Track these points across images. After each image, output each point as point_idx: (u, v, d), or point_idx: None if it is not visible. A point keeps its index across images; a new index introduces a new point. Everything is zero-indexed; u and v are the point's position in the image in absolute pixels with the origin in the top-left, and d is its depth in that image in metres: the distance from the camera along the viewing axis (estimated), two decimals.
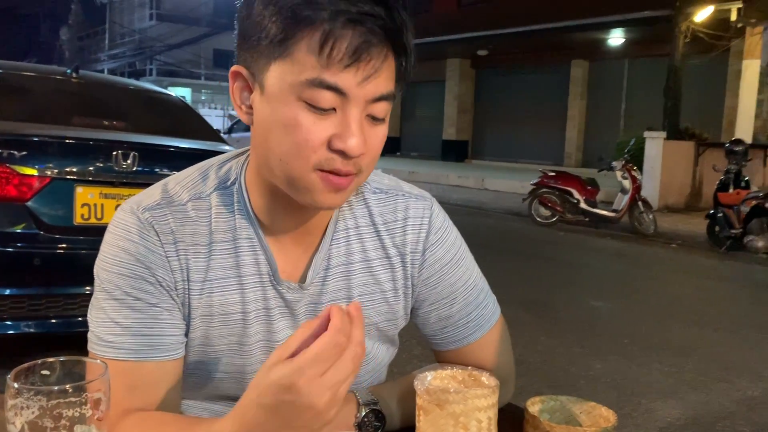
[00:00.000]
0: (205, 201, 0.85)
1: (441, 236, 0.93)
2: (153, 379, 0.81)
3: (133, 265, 0.81)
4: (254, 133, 0.80)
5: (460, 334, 0.95)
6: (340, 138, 0.73)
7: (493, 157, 18.09)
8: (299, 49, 0.71)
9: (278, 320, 0.87)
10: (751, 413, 3.12)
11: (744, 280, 6.19)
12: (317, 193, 0.77)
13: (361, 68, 0.72)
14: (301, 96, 0.72)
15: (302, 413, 0.63)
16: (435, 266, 0.92)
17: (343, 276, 0.89)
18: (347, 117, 0.73)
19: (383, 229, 0.91)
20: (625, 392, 3.31)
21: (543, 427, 0.79)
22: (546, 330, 4.24)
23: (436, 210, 0.94)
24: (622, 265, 6.81)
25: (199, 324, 0.84)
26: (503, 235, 8.19)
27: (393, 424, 0.88)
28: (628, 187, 8.12)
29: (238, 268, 0.84)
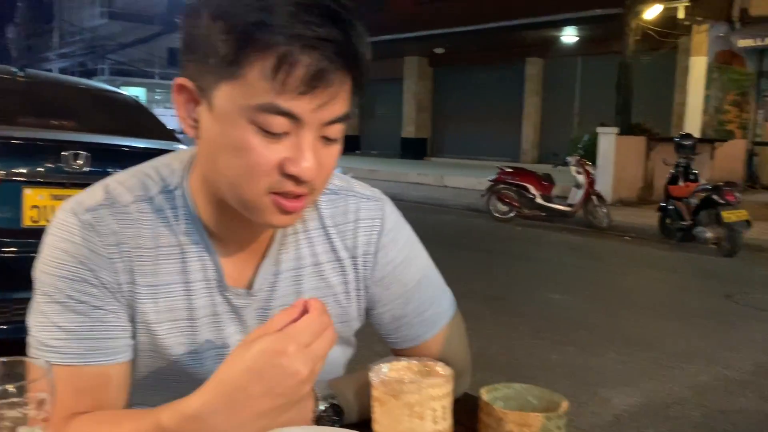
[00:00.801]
0: (149, 204, 0.82)
1: (393, 237, 0.92)
2: (99, 382, 0.79)
3: (76, 268, 0.78)
4: (201, 149, 0.77)
5: (415, 333, 0.95)
6: (293, 162, 0.71)
7: (452, 155, 18.24)
8: (251, 72, 0.68)
9: (227, 326, 0.85)
10: (701, 398, 3.23)
11: (694, 270, 6.39)
12: (269, 214, 0.75)
13: (317, 95, 0.69)
14: (253, 119, 0.70)
15: (286, 380, 0.66)
16: (387, 267, 0.92)
17: (293, 281, 0.88)
18: (300, 141, 0.71)
19: (334, 232, 0.90)
20: (582, 381, 3.38)
21: (496, 414, 0.81)
22: (504, 323, 4.31)
23: (387, 210, 0.93)
24: (577, 258, 6.96)
25: (144, 330, 0.82)
26: (463, 231, 8.27)
27: (351, 417, 0.88)
28: (583, 182, 8.29)
29: (185, 274, 0.82)
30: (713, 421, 2.98)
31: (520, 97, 16.69)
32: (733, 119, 12.77)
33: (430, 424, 0.79)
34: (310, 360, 0.67)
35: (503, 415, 0.80)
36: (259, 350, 0.66)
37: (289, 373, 0.66)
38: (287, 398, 0.68)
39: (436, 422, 0.79)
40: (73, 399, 0.77)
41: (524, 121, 16.67)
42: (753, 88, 12.96)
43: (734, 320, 4.60)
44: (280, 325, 0.68)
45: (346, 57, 0.69)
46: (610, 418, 2.98)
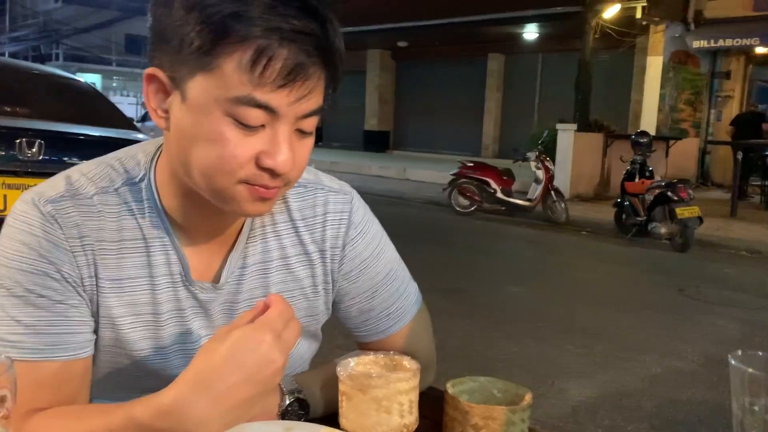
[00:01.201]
0: (113, 196, 0.80)
1: (361, 230, 0.93)
2: (60, 378, 0.77)
3: (36, 261, 0.76)
4: (171, 140, 0.76)
5: (382, 326, 0.95)
6: (269, 155, 0.71)
7: (414, 148, 18.30)
8: (228, 64, 0.68)
9: (192, 321, 0.84)
10: (654, 389, 3.33)
11: (648, 265, 6.57)
12: (243, 203, 0.75)
13: (295, 89, 0.69)
14: (228, 112, 0.69)
15: (265, 368, 0.67)
16: (355, 261, 0.92)
17: (260, 275, 0.87)
18: (277, 135, 0.71)
19: (302, 225, 0.90)
20: (540, 373, 3.45)
21: (462, 407, 0.82)
22: (464, 316, 4.35)
23: (356, 204, 0.93)
24: (536, 252, 7.08)
25: (107, 325, 0.80)
26: (424, 224, 8.32)
27: (317, 411, 0.89)
28: (542, 178, 8.42)
29: (150, 268, 0.81)
30: (665, 411, 3.07)
31: (482, 92, 16.82)
32: (687, 118, 13.13)
33: (397, 418, 0.79)
34: (285, 349, 0.69)
35: (469, 408, 0.81)
36: (237, 339, 0.67)
37: (267, 362, 0.67)
38: (264, 386, 0.69)
39: (402, 416, 0.80)
40: (32, 394, 0.75)
41: (485, 116, 16.82)
42: (706, 88, 13.34)
43: (686, 313, 4.75)
44: (250, 318, 0.69)
45: (324, 51, 0.70)
46: (568, 409, 3.05)
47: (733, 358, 0.67)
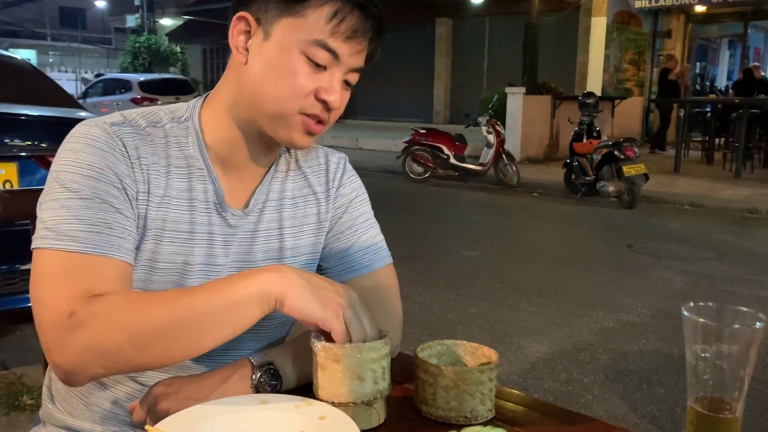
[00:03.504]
0: (161, 129, 0.94)
1: (351, 177, 1.11)
2: (114, 275, 0.84)
3: (104, 170, 0.86)
4: (246, 73, 0.91)
5: (357, 264, 1.07)
6: (326, 91, 0.90)
7: (365, 116, 18.19)
8: (312, 14, 0.87)
9: (218, 247, 0.97)
10: (607, 342, 3.47)
11: (597, 223, 6.76)
12: (295, 131, 0.92)
13: (356, 43, 0.90)
14: (304, 51, 0.88)
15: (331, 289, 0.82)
16: (343, 199, 1.09)
17: (276, 209, 1.02)
18: (334, 76, 0.90)
19: (309, 173, 1.07)
20: (498, 333, 3.55)
21: (432, 369, 0.85)
22: (423, 281, 4.42)
23: (348, 161, 1.13)
24: (490, 216, 7.20)
25: (152, 236, 0.91)
26: (380, 192, 8.31)
27: (289, 383, 0.91)
28: (493, 142, 8.51)
29: (190, 192, 0.94)
30: (618, 362, 3.21)
31: (431, 58, 16.78)
32: (631, 78, 13.43)
33: (371, 385, 0.82)
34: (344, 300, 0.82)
35: (440, 371, 0.84)
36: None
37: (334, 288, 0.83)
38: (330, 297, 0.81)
39: (376, 382, 0.82)
40: (91, 284, 0.81)
41: (436, 81, 16.81)
42: (648, 48, 13.65)
43: (635, 268, 4.93)
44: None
45: (378, 21, 0.92)
46: (527, 366, 3.16)
47: (686, 309, 0.71)
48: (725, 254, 5.32)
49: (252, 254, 1.00)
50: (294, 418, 0.79)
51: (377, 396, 0.83)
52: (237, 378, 0.89)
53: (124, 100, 13.31)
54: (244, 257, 1.00)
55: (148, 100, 13.13)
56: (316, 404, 0.81)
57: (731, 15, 13.92)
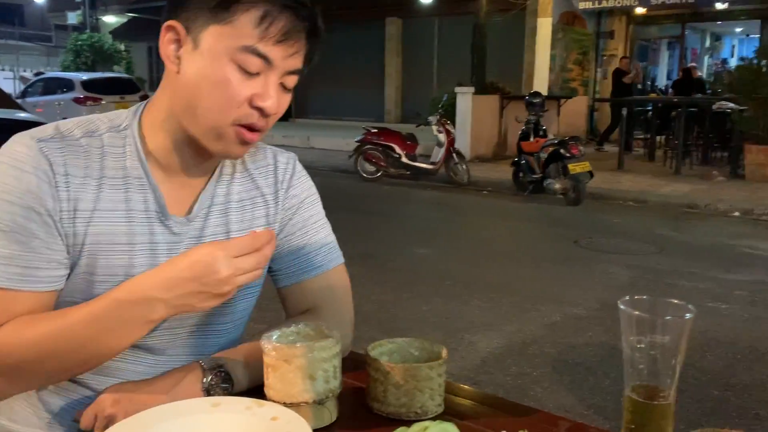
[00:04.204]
0: (97, 139, 0.92)
1: (301, 178, 1.10)
2: (25, 308, 0.86)
3: (24, 195, 0.85)
4: (178, 83, 0.89)
5: (309, 265, 1.06)
6: (261, 97, 0.88)
7: (317, 116, 18.11)
8: (240, 19, 0.85)
9: (162, 255, 0.95)
10: (555, 335, 3.56)
11: (545, 220, 6.92)
12: (230, 143, 0.91)
13: (288, 46, 0.87)
14: (234, 58, 0.86)
15: (209, 274, 0.82)
16: (294, 200, 1.07)
17: (222, 213, 1.00)
18: (268, 82, 0.88)
19: (257, 174, 1.05)
20: (450, 329, 3.60)
21: (383, 367, 0.87)
22: (376, 280, 4.45)
23: (297, 160, 1.12)
24: (441, 214, 7.28)
25: (86, 252, 0.90)
26: (332, 192, 8.30)
27: (240, 385, 0.91)
28: (443, 141, 8.61)
29: (127, 203, 0.92)
30: (566, 355, 3.30)
31: (382, 57, 16.82)
32: (576, 77, 13.76)
33: (323, 384, 0.83)
34: (232, 266, 0.82)
35: (390, 368, 0.86)
36: (198, 250, 0.84)
37: (212, 270, 0.81)
38: (209, 288, 0.83)
39: (327, 381, 0.84)
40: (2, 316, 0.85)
41: (386, 81, 16.86)
42: (592, 48, 14.01)
43: (581, 263, 5.07)
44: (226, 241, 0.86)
45: (311, 21, 0.89)
46: (478, 361, 3.21)
47: (622, 303, 0.74)
48: (666, 248, 5.52)
49: None
50: (245, 419, 0.79)
51: (329, 395, 0.84)
52: (187, 382, 0.89)
53: (67, 100, 12.88)
54: None
55: (91, 99, 12.74)
56: (268, 405, 0.81)
57: (670, 17, 14.41)
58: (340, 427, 0.85)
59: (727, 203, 7.12)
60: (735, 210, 6.96)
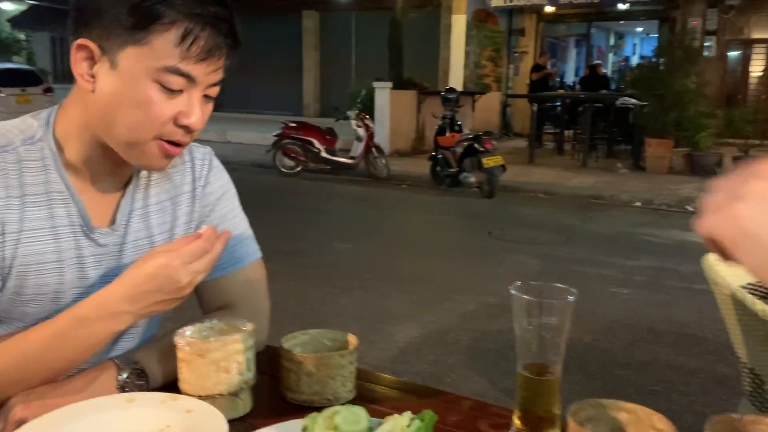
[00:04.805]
0: (13, 154, 0.89)
1: (217, 173, 1.10)
2: None
3: None
4: (94, 100, 0.87)
5: (225, 262, 1.04)
6: (186, 115, 0.88)
7: (233, 109, 17.71)
8: (158, 41, 0.83)
9: (90, 268, 0.95)
10: (470, 324, 3.69)
11: (461, 212, 7.12)
12: (152, 158, 0.90)
13: (211, 63, 0.87)
14: (156, 78, 0.84)
15: (171, 285, 0.85)
16: (211, 197, 1.08)
17: (143, 218, 1.01)
18: (192, 98, 0.88)
19: (174, 173, 1.04)
20: (369, 321, 3.67)
21: (296, 358, 0.90)
22: (296, 275, 4.45)
23: (214, 155, 1.12)
24: (361, 208, 7.34)
25: (15, 274, 0.89)
26: (250, 187, 8.18)
27: (156, 380, 0.92)
28: (363, 135, 8.68)
29: (52, 219, 0.91)
30: (480, 342, 3.44)
31: (299, 51, 16.70)
32: (490, 73, 14.17)
33: (237, 376, 0.86)
34: (189, 273, 0.85)
35: (303, 358, 0.90)
36: (154, 262, 0.85)
37: (173, 281, 0.85)
38: (171, 296, 0.86)
39: (242, 374, 0.87)
40: None
41: (305, 74, 16.76)
42: (505, 45, 14.46)
43: (495, 253, 5.26)
44: (177, 245, 0.87)
45: (232, 33, 0.88)
46: (396, 351, 3.30)
47: (513, 288, 0.82)
48: (573, 237, 5.82)
49: (123, 269, 0.96)
50: (160, 413, 0.81)
51: (243, 386, 0.87)
52: (102, 380, 0.89)
53: None
54: (117, 273, 0.96)
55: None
56: (183, 398, 0.84)
57: (577, 15, 15.08)
58: (255, 416, 0.88)
59: (629, 194, 7.56)
60: (636, 200, 7.41)
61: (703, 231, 0.49)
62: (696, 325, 3.58)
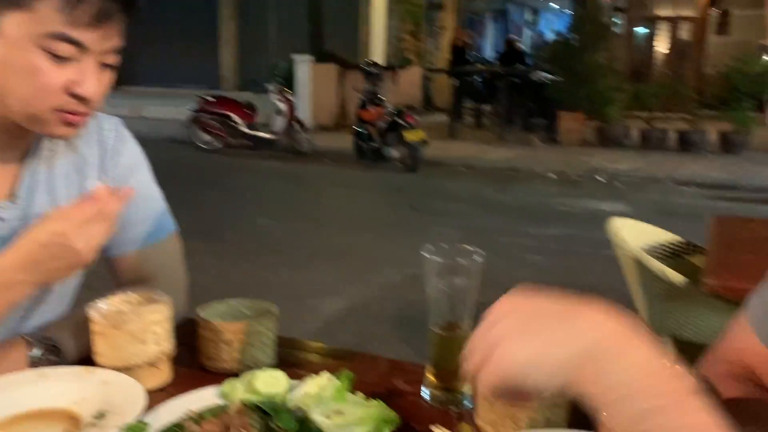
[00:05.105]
0: None
1: (128, 145, 1.07)
2: None
3: None
4: None
5: (138, 236, 1.04)
6: (78, 84, 0.84)
7: (147, 83, 17.04)
8: (42, 4, 0.79)
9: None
10: (394, 294, 3.77)
11: (384, 187, 7.19)
12: (54, 127, 0.87)
13: (102, 29, 0.83)
14: (42, 45, 0.81)
15: (66, 252, 0.83)
16: (122, 169, 1.05)
17: (48, 190, 0.97)
18: (85, 67, 0.84)
19: (81, 144, 1.01)
20: (294, 296, 3.67)
21: (213, 326, 0.91)
22: (218, 253, 4.39)
23: (122, 125, 1.08)
24: (283, 184, 7.28)
25: None
26: (167, 164, 7.88)
27: (70, 355, 0.91)
28: (284, 110, 8.56)
29: None
30: (404, 312, 3.52)
31: (215, 22, 16.19)
32: (411, 48, 14.22)
33: (154, 347, 0.86)
34: (84, 236, 0.83)
35: (221, 327, 0.91)
36: (46, 230, 0.83)
37: (67, 248, 0.82)
38: (68, 262, 0.85)
39: (159, 344, 0.87)
40: None
41: (222, 47, 16.28)
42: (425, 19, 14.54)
43: (417, 226, 5.36)
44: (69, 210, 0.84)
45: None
46: (321, 324, 3.33)
47: (425, 251, 0.85)
48: (492, 209, 6.00)
49: None
50: (76, 386, 0.80)
51: (161, 356, 0.87)
52: (12, 357, 0.87)
53: None
54: None
55: None
56: (99, 371, 0.83)
57: None
58: (175, 386, 0.88)
59: (544, 166, 7.84)
60: (550, 172, 7.70)
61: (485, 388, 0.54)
62: (604, 288, 3.74)
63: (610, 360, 0.49)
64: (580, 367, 0.50)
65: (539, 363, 0.51)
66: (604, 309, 0.55)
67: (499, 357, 0.52)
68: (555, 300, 0.55)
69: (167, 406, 0.78)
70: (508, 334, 0.53)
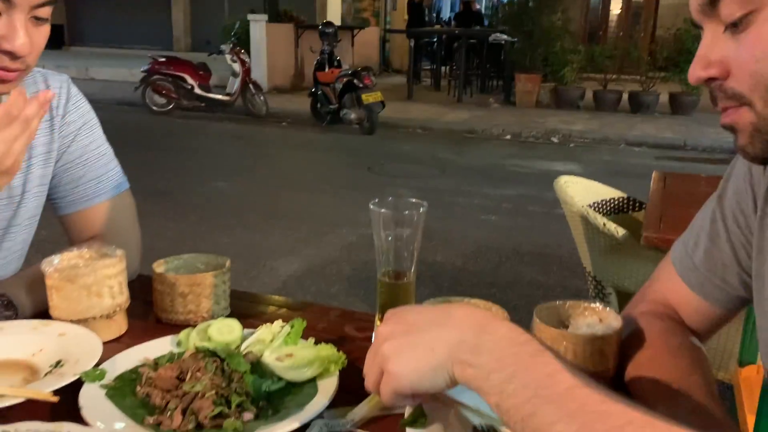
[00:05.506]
0: None
1: (77, 102, 1.06)
2: None
3: None
4: None
5: (90, 193, 1.06)
6: (7, 39, 0.81)
7: (95, 44, 16.46)
8: None
9: None
10: (351, 255, 3.82)
11: (342, 148, 7.18)
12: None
13: None
14: None
15: None
16: (71, 127, 1.05)
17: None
18: (13, 21, 0.81)
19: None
20: (252, 258, 3.69)
21: (168, 280, 0.94)
22: (172, 217, 4.36)
23: (71, 82, 1.08)
24: (239, 146, 7.20)
25: None
26: (118, 127, 7.71)
27: (26, 311, 0.92)
28: (239, 71, 8.40)
29: None
30: (360, 272, 3.58)
31: None
32: (368, 8, 14.03)
33: (109, 300, 0.88)
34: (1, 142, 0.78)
35: (175, 279, 0.93)
36: None
37: None
38: None
39: (114, 297, 0.89)
40: None
41: (174, 6, 15.77)
42: None
43: (375, 188, 5.40)
44: None
45: None
46: (279, 284, 3.36)
47: (372, 204, 0.89)
48: (448, 170, 6.07)
49: None
50: (32, 339, 0.82)
51: (116, 309, 0.89)
52: None
53: None
54: None
55: None
56: (55, 323, 0.85)
57: None
58: (130, 337, 0.91)
59: (500, 128, 7.93)
60: (507, 133, 7.80)
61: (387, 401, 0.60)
62: (554, 245, 3.91)
63: (479, 343, 0.56)
64: (458, 358, 0.56)
65: (424, 369, 0.58)
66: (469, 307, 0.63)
67: (388, 375, 0.59)
68: (428, 310, 0.63)
69: (124, 354, 0.81)
70: (393, 352, 0.59)
